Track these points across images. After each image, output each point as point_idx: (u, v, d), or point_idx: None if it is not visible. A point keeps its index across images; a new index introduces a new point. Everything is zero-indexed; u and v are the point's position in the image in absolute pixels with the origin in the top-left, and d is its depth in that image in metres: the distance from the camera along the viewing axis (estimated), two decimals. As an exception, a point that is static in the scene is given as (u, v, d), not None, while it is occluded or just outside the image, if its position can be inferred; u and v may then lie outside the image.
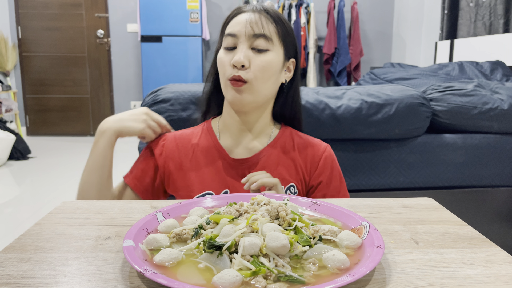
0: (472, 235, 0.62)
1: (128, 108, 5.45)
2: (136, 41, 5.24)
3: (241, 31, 0.90)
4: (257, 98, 0.93)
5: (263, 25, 0.90)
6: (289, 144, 0.99)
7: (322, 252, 0.52)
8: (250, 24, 0.90)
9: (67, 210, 0.72)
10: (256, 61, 0.89)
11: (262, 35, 0.89)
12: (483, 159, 1.59)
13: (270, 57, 0.91)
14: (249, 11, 0.93)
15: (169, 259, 0.51)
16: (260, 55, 0.90)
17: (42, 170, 3.80)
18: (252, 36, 0.89)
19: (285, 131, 1.01)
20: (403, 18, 5.04)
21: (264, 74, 0.90)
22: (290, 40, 0.96)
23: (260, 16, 0.91)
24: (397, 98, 1.51)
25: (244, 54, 0.88)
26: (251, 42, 0.90)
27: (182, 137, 1.01)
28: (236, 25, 0.91)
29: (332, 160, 1.00)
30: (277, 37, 0.92)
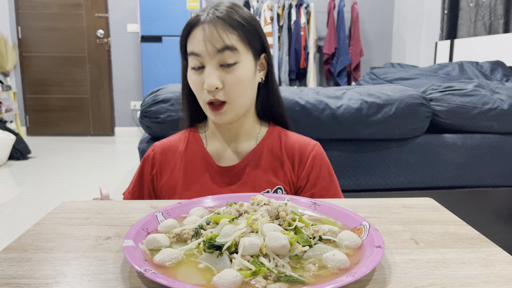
0: (472, 235, 0.62)
1: (128, 108, 5.45)
2: (136, 41, 5.24)
3: (203, 50, 0.85)
4: (239, 112, 0.91)
5: (223, 37, 0.85)
6: (276, 145, 0.97)
7: (322, 252, 0.52)
8: (210, 40, 0.84)
9: (67, 210, 0.72)
10: (228, 79, 0.86)
11: (226, 47, 0.85)
12: (483, 159, 1.59)
13: (241, 69, 0.87)
14: (204, 22, 0.86)
15: (169, 259, 0.51)
16: (231, 70, 0.86)
17: (42, 170, 3.80)
18: (217, 52, 0.85)
19: (273, 131, 0.99)
20: (403, 18, 5.04)
21: (240, 89, 0.87)
22: (255, 38, 0.90)
23: (217, 27, 0.85)
24: (397, 98, 1.51)
25: (214, 76, 0.85)
26: (217, 59, 0.85)
27: (169, 145, 1.00)
28: (196, 43, 0.86)
29: (321, 159, 0.97)
30: (242, 43, 0.87)
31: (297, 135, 1.01)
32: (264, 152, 0.96)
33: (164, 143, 1.01)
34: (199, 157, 0.96)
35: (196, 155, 0.97)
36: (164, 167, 0.98)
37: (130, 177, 3.50)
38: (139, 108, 4.17)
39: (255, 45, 0.91)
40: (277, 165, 0.95)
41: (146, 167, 1.00)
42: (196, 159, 0.96)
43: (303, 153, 0.96)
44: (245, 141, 0.97)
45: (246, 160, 0.94)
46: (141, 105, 1.48)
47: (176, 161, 0.97)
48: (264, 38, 0.93)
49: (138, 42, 5.19)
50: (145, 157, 1.01)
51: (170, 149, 0.99)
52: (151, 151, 1.00)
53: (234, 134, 0.97)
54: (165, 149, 0.99)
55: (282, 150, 0.96)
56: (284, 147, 0.97)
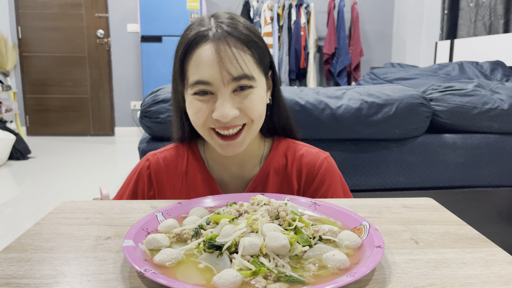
0: (472, 235, 0.62)
1: (128, 108, 5.45)
2: (136, 41, 5.24)
3: (215, 77, 0.72)
4: (254, 135, 0.81)
5: (240, 63, 0.72)
6: (281, 164, 0.88)
7: (322, 252, 0.52)
8: (225, 65, 0.72)
9: (67, 210, 0.72)
10: (245, 104, 0.75)
11: (244, 76, 0.73)
12: (483, 159, 1.59)
13: (257, 95, 0.77)
14: (214, 40, 0.73)
15: (169, 259, 0.51)
16: (246, 95, 0.75)
17: (42, 170, 3.80)
18: (232, 80, 0.73)
19: (278, 149, 0.89)
20: (403, 18, 5.04)
21: (258, 115, 0.78)
22: (265, 55, 0.80)
23: (230, 49, 0.72)
24: (397, 98, 1.51)
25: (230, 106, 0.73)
26: (232, 86, 0.74)
27: (166, 163, 0.88)
28: (204, 67, 0.72)
29: (331, 175, 0.87)
30: (256, 65, 0.76)
31: (305, 146, 0.90)
32: (270, 174, 0.87)
33: (160, 160, 0.89)
34: (202, 181, 0.87)
35: (198, 179, 0.87)
36: (163, 188, 0.88)
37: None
38: (139, 108, 4.17)
39: (266, 64, 0.80)
40: (284, 186, 0.87)
41: (140, 184, 0.89)
42: (199, 182, 0.87)
43: (311, 170, 0.87)
44: (250, 164, 0.88)
45: (252, 186, 0.86)
46: (141, 105, 1.48)
47: (176, 182, 0.88)
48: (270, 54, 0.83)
49: (138, 42, 5.19)
50: (140, 173, 0.89)
51: (168, 167, 0.88)
52: (146, 168, 0.89)
53: (239, 160, 0.87)
54: (161, 168, 0.88)
55: (288, 168, 0.87)
56: (291, 165, 0.87)
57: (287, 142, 0.91)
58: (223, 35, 0.73)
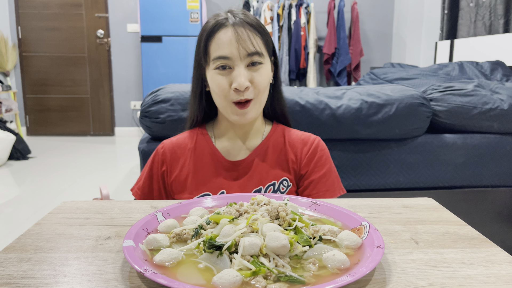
0: (472, 235, 0.62)
1: (128, 108, 5.45)
2: (136, 41, 5.24)
3: (234, 52, 0.90)
4: (260, 110, 0.98)
5: (253, 42, 0.92)
6: (280, 141, 1.03)
7: (322, 252, 0.52)
8: (242, 44, 0.90)
9: (67, 210, 0.72)
10: (256, 78, 0.93)
11: (256, 53, 0.92)
12: (483, 159, 1.59)
13: (264, 69, 0.95)
14: (231, 25, 0.92)
15: (169, 259, 0.51)
16: (257, 71, 0.93)
17: (42, 170, 3.80)
18: (247, 56, 0.91)
19: (277, 129, 1.05)
20: (403, 18, 5.04)
21: (264, 87, 0.95)
22: (270, 44, 0.99)
23: (246, 31, 0.91)
24: (397, 98, 1.51)
25: (245, 76, 0.90)
26: (246, 61, 0.92)
27: (178, 143, 1.04)
28: (225, 45, 0.91)
29: (322, 149, 1.03)
30: (264, 47, 0.95)
31: (299, 131, 1.07)
32: (270, 147, 1.02)
33: (173, 141, 1.05)
34: (208, 153, 1.01)
35: (205, 152, 1.02)
36: (174, 164, 1.02)
37: (130, 177, 3.50)
38: (139, 108, 4.17)
39: (270, 49, 0.99)
40: (282, 158, 1.02)
41: (156, 163, 1.04)
42: (205, 155, 1.01)
43: (305, 144, 1.03)
44: (253, 138, 1.03)
45: (254, 154, 1.01)
46: (141, 105, 1.48)
47: (186, 157, 1.02)
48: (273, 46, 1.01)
49: (138, 42, 5.19)
50: (155, 154, 1.05)
51: (180, 147, 1.03)
52: (160, 148, 1.04)
53: (245, 131, 1.02)
54: (174, 146, 1.04)
55: (286, 144, 1.03)
56: (288, 142, 1.03)
57: (284, 127, 1.08)
58: (240, 21, 0.92)
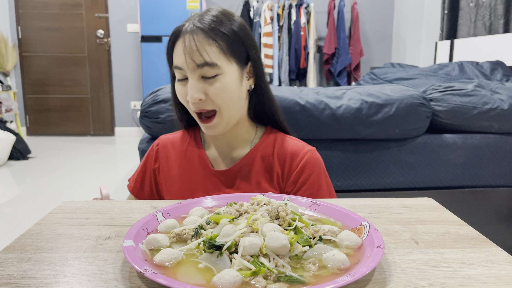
0: (472, 235, 0.62)
1: (128, 108, 5.45)
2: (136, 41, 5.24)
3: (184, 64, 0.85)
4: (230, 122, 0.91)
5: (202, 52, 0.84)
6: (268, 152, 0.96)
7: (322, 252, 0.52)
8: (189, 54, 0.84)
9: (67, 210, 0.72)
10: (210, 90, 0.86)
11: (205, 63, 0.84)
12: (483, 159, 1.59)
13: (222, 81, 0.86)
14: (185, 33, 0.86)
15: (169, 259, 0.51)
16: (212, 83, 0.86)
17: (42, 170, 3.80)
18: (196, 67, 0.85)
19: (268, 137, 0.98)
20: (403, 18, 5.04)
21: (223, 99, 0.87)
22: (239, 47, 0.88)
23: (197, 40, 0.84)
24: (397, 98, 1.51)
25: (196, 88, 0.85)
26: (198, 73, 0.85)
27: (173, 142, 1.03)
28: (178, 56, 0.87)
29: (312, 167, 0.94)
30: (223, 54, 0.86)
31: (293, 140, 0.98)
32: (257, 158, 0.95)
33: (169, 138, 1.04)
34: (197, 158, 0.99)
35: (194, 156, 0.99)
36: (164, 162, 1.02)
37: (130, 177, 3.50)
38: (139, 108, 4.17)
39: (239, 54, 0.89)
40: (268, 170, 0.95)
41: (149, 158, 1.04)
42: (195, 160, 0.99)
43: (293, 159, 0.94)
44: (240, 147, 0.98)
45: (239, 165, 0.95)
46: (141, 105, 1.48)
47: (177, 159, 1.00)
48: (251, 47, 0.91)
49: (138, 42, 5.19)
50: (150, 149, 1.05)
51: (173, 146, 1.02)
52: (156, 144, 1.04)
53: (228, 140, 0.97)
54: (169, 145, 1.03)
55: (274, 156, 0.95)
56: (276, 154, 0.96)
57: (277, 134, 0.99)
58: (192, 29, 0.86)
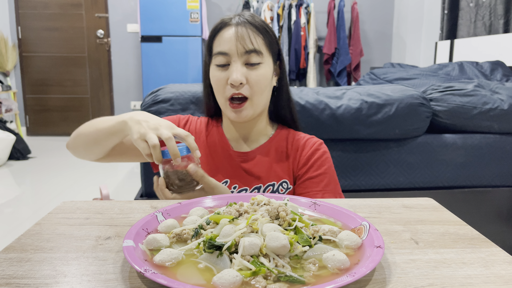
0: (472, 235, 0.62)
1: (128, 108, 5.45)
2: (136, 41, 5.24)
3: (232, 49, 0.93)
4: (257, 110, 0.98)
5: (252, 40, 0.93)
6: (283, 144, 1.05)
7: (322, 252, 0.52)
8: (240, 41, 0.92)
9: (67, 210, 0.72)
10: (252, 76, 0.94)
11: (254, 50, 0.93)
12: (483, 159, 1.59)
13: (263, 70, 0.95)
14: (234, 24, 0.94)
15: (169, 259, 0.51)
16: (254, 69, 0.94)
17: (42, 170, 3.80)
18: (244, 53, 0.93)
19: (281, 132, 1.07)
20: (403, 18, 5.04)
21: (260, 87, 0.95)
22: (275, 46, 1.00)
23: (247, 30, 0.93)
24: (397, 98, 1.51)
25: (240, 72, 0.92)
26: (244, 59, 0.93)
27: (201, 124, 1.09)
28: (225, 42, 0.94)
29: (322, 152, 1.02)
30: (266, 48, 0.96)
31: (303, 134, 1.07)
32: (272, 148, 1.04)
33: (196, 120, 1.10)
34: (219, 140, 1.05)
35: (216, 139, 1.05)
36: None
37: (130, 177, 3.50)
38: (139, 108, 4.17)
39: (275, 52, 1.00)
40: (283, 160, 1.03)
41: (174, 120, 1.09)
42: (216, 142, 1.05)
43: (306, 146, 1.03)
44: (256, 140, 1.05)
45: (256, 152, 1.03)
46: (141, 105, 1.48)
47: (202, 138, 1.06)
48: (279, 49, 1.02)
49: (138, 42, 5.19)
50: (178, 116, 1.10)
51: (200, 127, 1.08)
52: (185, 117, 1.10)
53: (246, 132, 1.04)
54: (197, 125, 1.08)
55: (288, 147, 1.04)
56: (291, 145, 1.04)
57: (289, 130, 1.08)
58: (243, 21, 0.95)
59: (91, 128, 0.99)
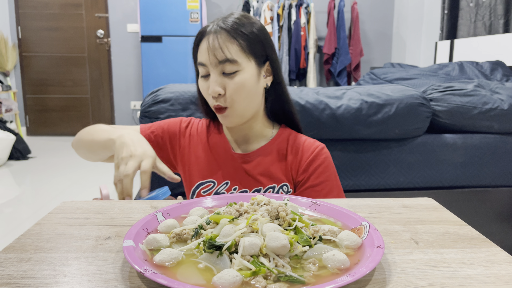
0: (472, 235, 0.62)
1: (128, 108, 5.45)
2: (136, 41, 5.24)
3: (207, 60, 0.93)
4: (244, 116, 0.98)
5: (224, 50, 0.91)
6: (283, 146, 1.03)
7: (322, 252, 0.52)
8: (212, 51, 0.91)
9: (67, 210, 0.72)
10: (229, 86, 0.93)
11: (226, 60, 0.91)
12: (483, 159, 1.59)
13: (241, 77, 0.93)
14: (209, 33, 0.93)
15: (169, 259, 0.51)
16: (231, 78, 0.93)
17: (42, 170, 3.80)
18: (218, 63, 0.92)
19: (283, 133, 1.05)
20: (403, 18, 5.04)
21: (241, 95, 0.94)
22: (258, 47, 0.96)
23: (218, 39, 0.92)
24: (397, 98, 1.51)
25: (216, 83, 0.92)
26: (219, 69, 0.93)
27: (202, 126, 1.09)
28: (202, 53, 0.94)
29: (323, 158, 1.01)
30: (243, 53, 0.93)
31: (305, 137, 1.05)
32: (274, 151, 1.03)
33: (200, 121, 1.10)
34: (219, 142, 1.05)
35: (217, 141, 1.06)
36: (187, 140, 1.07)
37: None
38: (139, 108, 4.17)
39: (258, 53, 0.96)
40: (283, 163, 1.02)
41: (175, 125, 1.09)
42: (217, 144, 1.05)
43: (306, 152, 1.01)
44: (256, 142, 1.04)
45: (256, 153, 1.02)
46: (141, 105, 1.48)
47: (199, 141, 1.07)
48: (269, 48, 0.99)
49: (138, 42, 5.19)
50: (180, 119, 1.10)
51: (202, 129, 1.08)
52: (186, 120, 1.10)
53: (244, 134, 1.04)
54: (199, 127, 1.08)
55: (288, 149, 1.03)
56: (291, 147, 1.03)
57: (291, 131, 1.07)
58: (216, 29, 0.93)
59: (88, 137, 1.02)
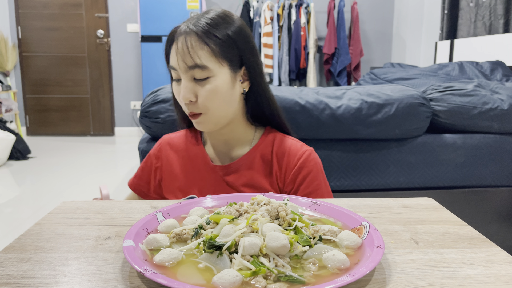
0: (472, 235, 0.62)
1: (128, 108, 5.45)
2: (136, 41, 5.24)
3: (177, 65, 0.87)
4: (219, 122, 0.92)
5: (193, 55, 0.85)
6: (267, 151, 0.97)
7: (322, 252, 0.52)
8: (181, 56, 0.86)
9: (67, 210, 0.72)
10: (200, 92, 0.87)
11: (196, 66, 0.85)
12: (483, 159, 1.59)
13: (213, 84, 0.87)
14: (179, 36, 0.87)
15: (169, 259, 0.51)
16: (202, 85, 0.87)
17: (42, 170, 3.80)
18: (188, 68, 0.86)
19: (267, 137, 0.98)
20: (403, 18, 5.04)
21: (213, 101, 0.88)
22: (232, 51, 0.89)
23: (188, 43, 0.85)
24: (397, 98, 1.51)
25: (187, 89, 0.87)
26: (189, 74, 0.87)
27: (175, 141, 1.05)
28: (172, 57, 0.89)
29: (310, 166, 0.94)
30: (214, 58, 0.86)
31: (292, 140, 0.99)
32: (257, 157, 0.96)
33: (171, 138, 1.06)
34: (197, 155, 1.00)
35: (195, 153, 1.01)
36: (166, 160, 1.03)
37: (130, 177, 3.50)
38: (139, 108, 4.17)
39: (232, 58, 0.89)
40: (267, 170, 0.96)
41: (152, 157, 1.06)
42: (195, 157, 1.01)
43: (291, 158, 0.95)
44: (238, 146, 0.99)
45: (238, 162, 0.96)
46: (141, 105, 1.48)
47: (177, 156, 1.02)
48: (246, 51, 0.91)
49: (138, 42, 5.18)
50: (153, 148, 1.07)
51: (175, 145, 1.04)
52: (158, 144, 1.06)
53: (225, 139, 0.98)
54: (170, 143, 1.05)
55: (273, 155, 0.96)
56: (275, 153, 0.96)
57: (276, 134, 1.00)
58: (186, 31, 0.87)
59: None
